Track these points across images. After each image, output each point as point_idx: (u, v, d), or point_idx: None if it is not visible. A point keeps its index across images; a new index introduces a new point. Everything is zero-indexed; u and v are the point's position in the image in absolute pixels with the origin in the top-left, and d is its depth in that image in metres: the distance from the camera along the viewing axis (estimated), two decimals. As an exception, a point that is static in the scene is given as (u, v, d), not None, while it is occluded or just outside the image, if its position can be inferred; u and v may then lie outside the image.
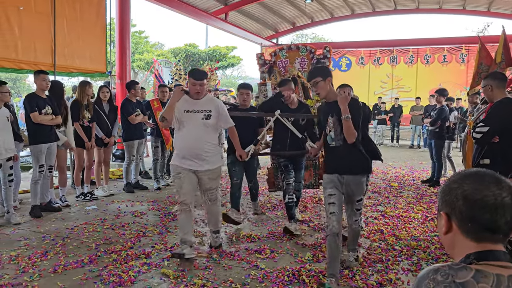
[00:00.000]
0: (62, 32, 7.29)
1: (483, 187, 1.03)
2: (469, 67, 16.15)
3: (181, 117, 3.77)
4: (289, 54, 6.38)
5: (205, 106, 3.79)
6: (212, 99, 3.95)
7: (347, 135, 3.22)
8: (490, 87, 3.66)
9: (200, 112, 3.77)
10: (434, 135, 7.64)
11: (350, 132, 3.21)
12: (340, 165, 3.30)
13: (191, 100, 3.80)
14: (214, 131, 3.89)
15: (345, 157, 3.28)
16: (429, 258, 3.94)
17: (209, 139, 3.81)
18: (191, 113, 3.76)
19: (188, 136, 3.76)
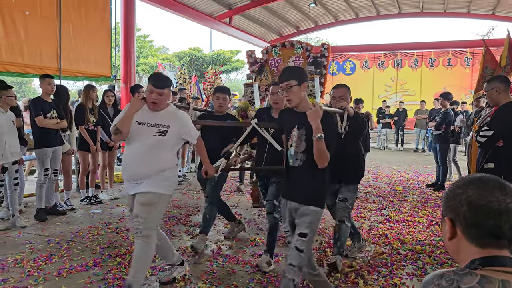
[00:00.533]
0: (67, 36, 7.35)
1: (487, 192, 1.02)
2: (474, 70, 16.10)
3: (131, 129, 3.07)
4: (283, 52, 5.68)
5: (163, 121, 3.08)
6: (174, 113, 3.19)
7: (318, 159, 2.57)
8: (498, 90, 3.64)
9: (154, 126, 3.07)
10: (438, 139, 7.62)
11: (322, 155, 2.56)
12: (291, 189, 2.73)
13: (148, 111, 3.12)
14: (169, 150, 3.14)
15: (300, 181, 2.68)
16: (434, 263, 3.92)
17: (161, 159, 3.06)
18: (143, 125, 3.07)
19: (134, 153, 3.07)
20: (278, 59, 5.68)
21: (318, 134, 2.52)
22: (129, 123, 3.06)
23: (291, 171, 2.74)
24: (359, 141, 3.79)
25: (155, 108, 3.10)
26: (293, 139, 2.70)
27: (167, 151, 3.11)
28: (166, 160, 3.10)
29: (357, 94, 13.35)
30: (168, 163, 3.12)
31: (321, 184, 2.70)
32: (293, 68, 2.90)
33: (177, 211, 5.71)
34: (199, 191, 7.03)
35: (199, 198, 6.51)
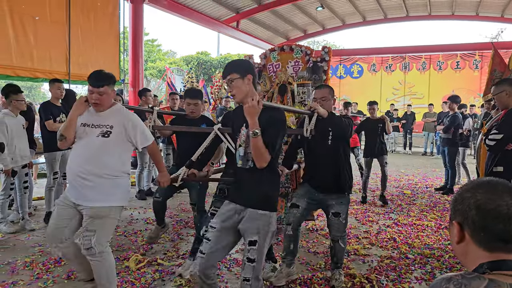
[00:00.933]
0: (76, 41, 7.43)
1: (496, 196, 1.02)
2: (483, 73, 15.99)
3: (77, 132, 2.93)
4: (281, 57, 5.39)
5: (106, 121, 2.90)
6: (119, 112, 2.98)
7: (254, 157, 2.36)
8: (508, 93, 3.61)
9: (97, 127, 2.89)
10: (447, 142, 7.57)
11: (258, 154, 2.34)
12: (240, 192, 2.51)
13: (93, 112, 2.96)
14: (117, 153, 2.90)
15: (249, 184, 2.47)
16: (443, 267, 3.89)
17: (105, 163, 2.84)
18: (87, 127, 2.91)
19: (76, 156, 2.89)
20: (276, 64, 5.40)
21: (254, 129, 2.31)
22: (73, 127, 2.91)
23: (240, 173, 2.52)
24: (346, 147, 3.44)
25: (98, 109, 2.93)
26: (242, 139, 2.48)
27: (113, 154, 2.87)
28: (112, 164, 2.87)
29: (365, 97, 13.33)
30: (115, 167, 2.88)
31: (273, 187, 2.50)
32: (235, 61, 2.59)
33: (185, 214, 5.72)
34: (207, 194, 7.03)
35: (206, 202, 6.51)
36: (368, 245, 4.48)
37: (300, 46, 5.36)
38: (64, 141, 2.91)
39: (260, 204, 2.42)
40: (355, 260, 4.03)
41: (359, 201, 6.67)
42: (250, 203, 2.42)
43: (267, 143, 2.35)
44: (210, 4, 13.37)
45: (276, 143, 2.41)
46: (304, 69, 5.26)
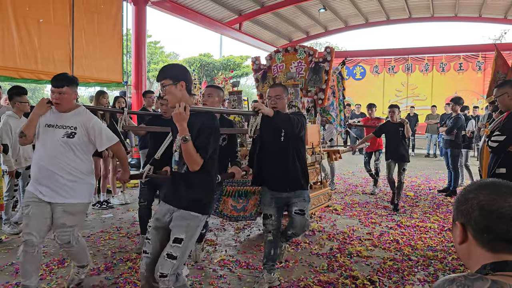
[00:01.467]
0: (80, 43, 7.47)
1: (499, 197, 1.02)
2: (486, 75, 15.94)
3: (40, 131, 3.06)
4: (285, 58, 5.44)
5: (70, 122, 3.05)
6: (82, 114, 3.13)
7: (187, 161, 2.42)
8: (510, 95, 3.61)
9: (61, 127, 3.04)
10: (450, 144, 7.55)
11: (189, 158, 2.39)
12: (176, 195, 2.55)
13: (57, 113, 3.09)
14: (82, 154, 3.08)
15: (181, 187, 2.53)
16: (446, 269, 3.88)
17: (70, 163, 3.01)
18: (52, 127, 3.05)
19: (43, 155, 3.02)
20: (280, 65, 5.45)
21: (183, 135, 2.37)
22: (33, 126, 3.04)
23: (175, 176, 2.59)
24: (299, 144, 3.40)
25: (60, 109, 3.07)
26: (177, 144, 2.53)
27: (78, 154, 3.05)
28: (77, 163, 3.05)
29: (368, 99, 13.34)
30: (81, 166, 3.07)
31: (206, 190, 2.55)
32: (169, 66, 2.63)
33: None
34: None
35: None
36: (371, 247, 4.48)
37: (303, 47, 5.39)
38: (24, 138, 3.05)
39: (193, 206, 2.48)
40: (358, 262, 4.03)
41: (362, 203, 6.67)
42: (184, 205, 2.48)
43: (198, 148, 2.39)
44: (213, 6, 13.40)
45: (208, 147, 2.43)
46: (306, 70, 5.28)
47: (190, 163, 2.41)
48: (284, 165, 3.31)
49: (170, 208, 2.53)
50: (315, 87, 5.19)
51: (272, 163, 3.34)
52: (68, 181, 3.00)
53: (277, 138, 3.29)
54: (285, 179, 3.32)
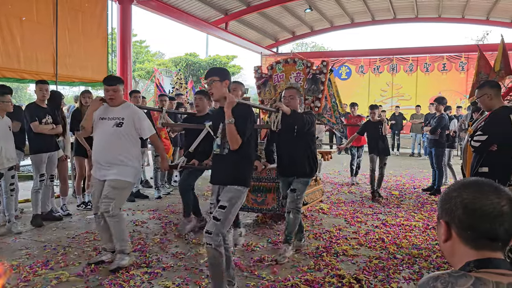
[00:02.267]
0: (64, 42, 7.36)
1: (482, 196, 1.04)
2: (469, 75, 16.21)
3: (95, 124, 3.77)
4: (285, 68, 5.91)
5: (118, 114, 3.72)
6: (128, 108, 3.79)
7: (229, 141, 2.99)
8: (490, 96, 3.68)
9: (112, 119, 3.71)
10: (434, 143, 7.65)
11: (232, 138, 2.96)
12: (221, 174, 3.10)
13: (108, 108, 3.78)
14: (129, 141, 3.71)
15: (225, 166, 3.07)
16: (431, 267, 3.93)
17: (120, 148, 3.66)
18: (104, 120, 3.74)
19: (98, 142, 3.74)
20: (281, 74, 5.90)
21: (229, 119, 2.95)
22: (90, 120, 3.74)
23: (218, 159, 3.13)
24: (309, 139, 4.11)
25: (113, 104, 3.74)
26: (219, 131, 3.12)
27: (126, 141, 3.70)
28: (126, 148, 3.69)
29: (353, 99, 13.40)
30: (128, 151, 3.71)
31: (245, 166, 3.11)
32: (217, 68, 3.32)
33: (174, 216, 5.70)
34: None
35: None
36: (357, 245, 4.51)
37: (302, 59, 5.82)
38: (83, 131, 3.80)
39: (235, 181, 3.02)
40: (344, 260, 4.05)
41: (348, 202, 6.72)
42: (228, 182, 3.03)
43: (238, 130, 2.96)
44: (199, 6, 13.36)
45: (245, 130, 3.00)
46: (304, 80, 5.72)
47: (232, 142, 2.98)
48: (294, 155, 4.01)
49: (220, 186, 3.12)
50: (313, 96, 5.56)
51: (284, 154, 4.08)
52: (118, 162, 3.65)
53: (291, 133, 3.97)
54: (293, 167, 4.03)
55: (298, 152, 4.01)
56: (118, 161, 3.65)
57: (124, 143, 3.69)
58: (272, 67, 6.02)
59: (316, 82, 5.67)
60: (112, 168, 3.64)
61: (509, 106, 3.85)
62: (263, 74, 6.04)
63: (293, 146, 4.00)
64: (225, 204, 2.96)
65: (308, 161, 4.06)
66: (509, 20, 15.85)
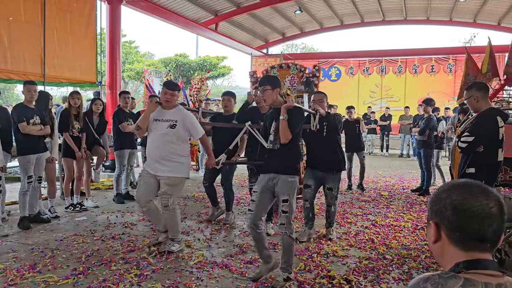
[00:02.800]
0: (52, 42, 7.28)
1: (471, 197, 1.05)
2: (457, 77, 16.40)
3: (150, 125, 4.19)
4: (280, 73, 6.51)
5: (172, 116, 4.15)
6: (180, 111, 4.24)
7: (281, 135, 3.47)
8: (476, 98, 3.72)
9: (166, 121, 4.14)
10: (422, 144, 7.72)
11: (284, 132, 3.47)
12: (275, 165, 3.58)
13: (162, 110, 4.21)
14: (180, 141, 4.17)
15: (278, 158, 3.57)
16: (420, 267, 3.96)
17: (173, 147, 4.11)
18: (159, 121, 4.17)
19: (153, 142, 4.17)
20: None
21: (283, 115, 3.47)
22: (147, 121, 4.18)
23: (271, 152, 3.61)
24: (337, 137, 4.78)
25: (168, 106, 4.18)
26: (272, 129, 3.61)
27: (178, 141, 4.15)
28: (178, 147, 4.15)
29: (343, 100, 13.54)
30: (180, 150, 4.17)
31: (295, 158, 3.65)
32: (270, 76, 4.03)
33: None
34: (185, 197, 7.01)
35: (185, 205, 6.48)
36: (346, 246, 4.53)
37: (295, 64, 6.59)
38: (140, 131, 4.23)
39: (288, 171, 3.52)
40: (334, 261, 4.07)
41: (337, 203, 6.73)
42: (282, 172, 3.52)
43: (289, 127, 3.46)
44: (189, 6, 13.32)
45: (295, 128, 3.53)
46: (298, 83, 6.45)
47: (284, 136, 3.47)
48: (324, 152, 4.57)
49: (271, 176, 3.56)
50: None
51: (315, 150, 4.63)
52: (171, 160, 4.09)
53: (321, 133, 4.54)
54: (323, 162, 4.60)
55: (328, 150, 4.60)
56: (170, 159, 4.10)
57: (176, 143, 4.14)
58: (267, 71, 6.57)
59: (309, 84, 6.33)
60: (166, 166, 4.09)
61: (496, 107, 3.91)
62: (258, 78, 6.23)
63: (323, 144, 4.59)
64: (286, 198, 3.47)
65: (337, 158, 4.68)
66: (495, 23, 16.08)
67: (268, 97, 3.60)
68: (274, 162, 3.57)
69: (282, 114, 3.47)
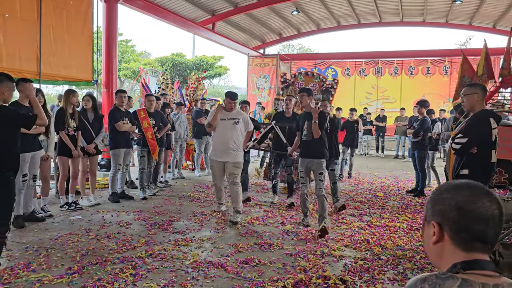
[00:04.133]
0: (48, 40, 7.24)
1: (476, 198, 1.06)
2: (452, 79, 16.47)
3: (218, 123, 5.50)
4: (305, 79, 8.39)
5: (235, 116, 5.57)
6: (239, 112, 5.74)
7: (314, 133, 5.08)
8: (479, 96, 3.73)
9: (231, 119, 5.53)
10: (417, 145, 7.74)
11: (316, 131, 5.07)
12: (308, 152, 5.23)
13: (225, 112, 5.56)
14: (241, 134, 5.59)
15: (311, 147, 5.19)
16: (415, 268, 3.98)
17: (236, 139, 5.50)
18: (224, 120, 5.52)
19: (221, 136, 5.50)
20: (301, 82, 8.32)
21: (315, 120, 5.05)
22: (216, 119, 5.49)
23: (305, 142, 5.28)
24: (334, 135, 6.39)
25: (231, 110, 5.56)
26: (305, 126, 5.24)
27: (240, 134, 5.58)
28: (240, 139, 5.59)
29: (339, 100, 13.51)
30: (240, 141, 5.58)
31: (322, 148, 5.20)
32: (307, 89, 5.54)
33: (159, 217, 5.65)
34: (181, 197, 7.00)
35: (181, 205, 6.47)
36: (342, 247, 4.54)
37: (319, 75, 8.56)
38: (211, 128, 5.54)
39: (319, 156, 5.18)
40: (329, 262, 4.07)
41: (333, 204, 6.76)
42: (315, 157, 5.18)
43: (319, 126, 5.07)
44: (186, 6, 13.29)
45: (323, 127, 5.17)
46: (319, 90, 8.15)
47: (316, 133, 5.07)
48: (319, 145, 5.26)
49: (308, 160, 5.23)
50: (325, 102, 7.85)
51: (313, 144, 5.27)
52: (234, 149, 5.48)
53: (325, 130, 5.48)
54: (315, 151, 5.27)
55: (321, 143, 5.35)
56: (235, 147, 5.47)
57: (239, 135, 5.55)
58: (295, 75, 8.58)
59: (328, 93, 8.12)
60: (231, 154, 5.45)
61: (489, 109, 3.93)
62: (287, 80, 8.46)
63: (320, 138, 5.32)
64: (320, 171, 5.19)
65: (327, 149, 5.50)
66: (491, 26, 16.15)
67: (304, 102, 5.22)
68: (310, 151, 5.19)
69: (314, 119, 5.03)
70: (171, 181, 8.43)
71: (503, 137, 4.38)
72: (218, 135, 5.52)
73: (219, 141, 5.51)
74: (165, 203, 6.54)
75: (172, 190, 7.64)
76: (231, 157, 5.45)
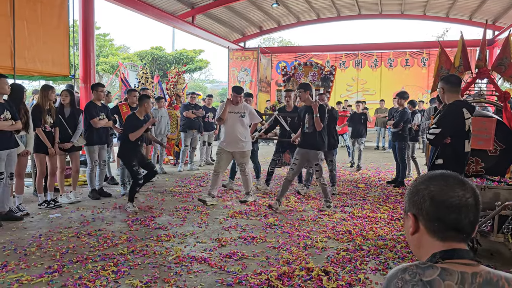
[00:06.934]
0: (22, 34, 7.03)
1: (449, 188, 1.07)
2: (430, 70, 16.71)
3: (227, 116, 6.12)
4: (305, 69, 8.86)
5: (241, 110, 6.17)
6: (245, 105, 6.32)
7: (317, 126, 5.57)
8: (442, 89, 3.84)
9: (237, 113, 6.14)
10: (397, 137, 7.85)
11: (318, 124, 5.57)
12: (307, 144, 5.71)
13: (233, 106, 6.15)
14: (246, 126, 6.22)
15: (310, 139, 5.67)
16: (396, 257, 4.04)
17: (243, 130, 6.15)
18: (232, 113, 6.14)
19: (229, 128, 6.12)
20: (301, 73, 8.79)
21: (316, 114, 5.53)
22: (226, 113, 6.10)
23: (305, 134, 5.73)
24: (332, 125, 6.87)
25: (237, 104, 6.14)
26: (306, 119, 5.71)
27: (245, 125, 6.20)
28: (246, 131, 6.22)
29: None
30: (247, 132, 6.24)
31: (321, 140, 5.68)
32: (304, 84, 5.96)
33: (140, 214, 5.60)
34: (163, 192, 6.94)
35: (163, 200, 6.41)
36: (325, 238, 4.58)
37: (317, 63, 9.05)
38: (221, 121, 6.14)
39: (316, 147, 5.64)
40: (312, 254, 4.10)
41: (316, 195, 6.80)
42: (312, 148, 5.65)
43: (320, 119, 5.52)
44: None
45: (323, 120, 5.61)
46: (318, 78, 8.72)
47: (318, 126, 5.53)
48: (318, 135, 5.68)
49: (305, 150, 5.70)
50: (324, 90, 8.52)
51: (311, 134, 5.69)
52: (241, 140, 6.11)
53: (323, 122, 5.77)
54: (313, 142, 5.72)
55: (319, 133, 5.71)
56: (243, 138, 6.11)
57: (245, 127, 6.20)
58: (295, 67, 8.97)
59: (327, 80, 8.56)
60: (239, 144, 6.11)
61: (463, 100, 4.00)
62: (288, 72, 8.89)
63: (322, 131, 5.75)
64: (316, 162, 5.70)
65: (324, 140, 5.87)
66: (467, 18, 16.43)
67: (302, 96, 5.76)
68: (309, 142, 5.66)
69: (315, 113, 5.51)
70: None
71: (479, 127, 4.46)
72: (227, 127, 6.15)
73: (228, 133, 6.13)
74: (147, 199, 6.47)
75: (153, 185, 7.56)
76: (239, 147, 6.11)
